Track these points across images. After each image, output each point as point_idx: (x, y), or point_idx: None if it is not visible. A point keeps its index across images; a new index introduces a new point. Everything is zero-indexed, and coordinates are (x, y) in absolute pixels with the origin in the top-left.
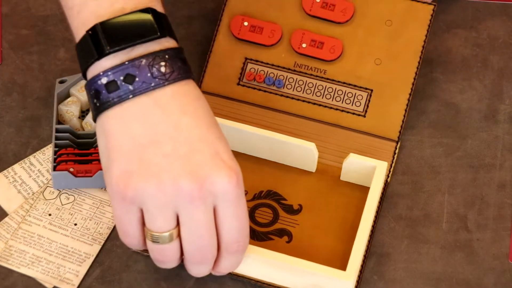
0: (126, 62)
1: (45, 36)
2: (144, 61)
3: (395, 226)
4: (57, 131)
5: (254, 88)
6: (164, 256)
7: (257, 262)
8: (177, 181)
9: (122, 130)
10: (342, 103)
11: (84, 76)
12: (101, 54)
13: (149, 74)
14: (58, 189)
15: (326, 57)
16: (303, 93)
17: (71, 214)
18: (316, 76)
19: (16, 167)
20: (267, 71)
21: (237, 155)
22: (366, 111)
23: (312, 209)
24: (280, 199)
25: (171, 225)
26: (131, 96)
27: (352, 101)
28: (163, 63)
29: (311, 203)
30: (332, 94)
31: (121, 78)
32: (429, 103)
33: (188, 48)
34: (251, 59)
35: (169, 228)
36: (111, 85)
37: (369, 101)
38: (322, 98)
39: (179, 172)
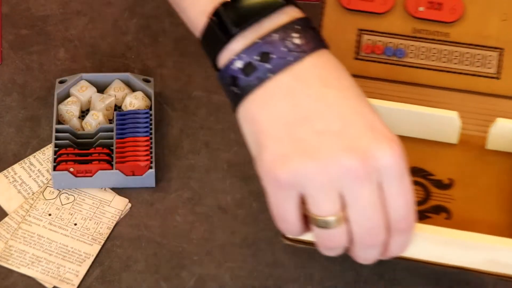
0: (258, 40)
1: (45, 36)
2: (275, 36)
3: None
4: (57, 131)
5: (374, 61)
6: (333, 241)
7: (426, 241)
8: (338, 159)
9: (267, 112)
10: (471, 66)
11: (215, 68)
12: (229, 37)
13: (283, 49)
14: (58, 189)
15: (447, 18)
16: (427, 60)
17: (71, 214)
18: (439, 40)
19: (16, 167)
20: (385, 41)
21: None
22: (499, 73)
23: (464, 182)
24: (426, 175)
25: (337, 207)
26: (270, 75)
27: (483, 63)
28: (296, 35)
29: (461, 175)
30: (459, 58)
31: (256, 58)
32: None
33: None
34: (365, 30)
35: (336, 210)
36: (248, 68)
37: (501, 61)
38: (449, 63)
39: (338, 149)
